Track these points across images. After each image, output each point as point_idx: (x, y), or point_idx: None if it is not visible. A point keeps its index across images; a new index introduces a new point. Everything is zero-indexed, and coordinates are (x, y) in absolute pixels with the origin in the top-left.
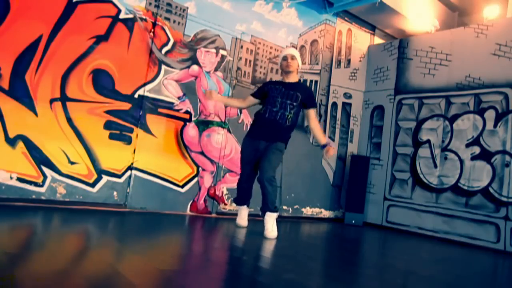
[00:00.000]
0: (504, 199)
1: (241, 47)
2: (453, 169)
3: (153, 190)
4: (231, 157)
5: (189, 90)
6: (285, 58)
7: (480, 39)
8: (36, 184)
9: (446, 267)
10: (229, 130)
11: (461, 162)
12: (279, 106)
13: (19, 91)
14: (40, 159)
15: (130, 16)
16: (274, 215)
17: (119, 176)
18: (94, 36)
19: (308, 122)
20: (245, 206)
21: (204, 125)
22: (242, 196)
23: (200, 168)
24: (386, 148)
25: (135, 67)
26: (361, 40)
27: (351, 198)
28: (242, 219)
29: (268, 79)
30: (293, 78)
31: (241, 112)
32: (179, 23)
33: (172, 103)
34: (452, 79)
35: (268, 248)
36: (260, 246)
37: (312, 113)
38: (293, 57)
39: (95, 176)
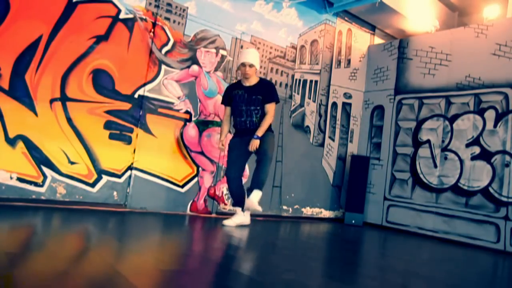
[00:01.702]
0: (504, 199)
1: (241, 47)
2: (453, 169)
3: (153, 190)
4: None
5: (189, 90)
6: (243, 65)
7: (480, 39)
8: (36, 184)
9: (446, 267)
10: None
11: (461, 162)
12: (245, 115)
13: (19, 91)
14: (40, 159)
15: (130, 16)
16: (260, 193)
17: (119, 176)
18: (94, 36)
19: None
20: (240, 208)
21: (204, 125)
22: (235, 194)
23: (200, 168)
24: (386, 148)
25: (135, 67)
26: (361, 40)
27: (351, 198)
28: (232, 219)
29: (268, 79)
30: (253, 81)
31: None
32: (179, 23)
33: (172, 103)
34: (452, 79)
35: (268, 248)
36: (260, 246)
37: (267, 107)
38: (251, 65)
39: (95, 176)
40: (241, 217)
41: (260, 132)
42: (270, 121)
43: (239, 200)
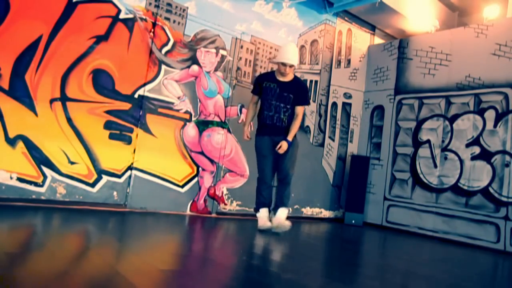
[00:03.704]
0: (504, 199)
1: (241, 47)
2: (453, 169)
3: (153, 190)
4: (231, 157)
5: (189, 90)
6: (284, 64)
7: (480, 39)
8: (36, 184)
9: (446, 267)
10: (229, 130)
11: (461, 162)
12: (273, 110)
13: (19, 91)
14: (40, 159)
15: (130, 16)
16: (287, 210)
17: (119, 176)
18: (94, 36)
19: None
20: (266, 209)
21: (204, 125)
22: (266, 198)
23: (200, 168)
24: (386, 148)
25: (135, 67)
26: (361, 40)
27: (351, 198)
28: (266, 221)
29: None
30: (288, 78)
31: (241, 112)
32: (179, 23)
33: (172, 103)
34: (452, 79)
35: (268, 248)
36: (260, 246)
37: (298, 110)
38: (291, 66)
39: (95, 176)
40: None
41: (290, 137)
42: (299, 125)
43: (268, 203)
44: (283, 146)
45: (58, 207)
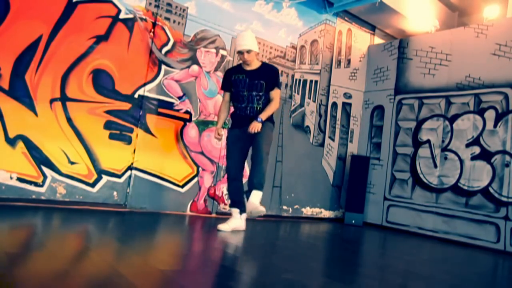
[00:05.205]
0: (504, 199)
1: None
2: (453, 169)
3: (153, 190)
4: None
5: (189, 90)
6: (240, 53)
7: (480, 39)
8: (36, 184)
9: (446, 267)
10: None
11: (461, 162)
12: (246, 101)
13: (19, 91)
14: (40, 159)
15: (130, 16)
16: (260, 193)
17: (119, 176)
18: (94, 36)
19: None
20: (238, 211)
21: (204, 125)
22: (234, 195)
23: (200, 168)
24: (386, 148)
25: (135, 67)
26: (361, 40)
27: (351, 198)
28: (237, 223)
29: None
30: (254, 65)
31: None
32: (179, 23)
33: (172, 103)
34: (452, 79)
35: (268, 248)
36: (260, 246)
37: (273, 94)
38: (248, 51)
39: (95, 176)
40: (237, 221)
41: (263, 116)
42: (276, 108)
43: (237, 201)
44: (253, 124)
45: (58, 207)
